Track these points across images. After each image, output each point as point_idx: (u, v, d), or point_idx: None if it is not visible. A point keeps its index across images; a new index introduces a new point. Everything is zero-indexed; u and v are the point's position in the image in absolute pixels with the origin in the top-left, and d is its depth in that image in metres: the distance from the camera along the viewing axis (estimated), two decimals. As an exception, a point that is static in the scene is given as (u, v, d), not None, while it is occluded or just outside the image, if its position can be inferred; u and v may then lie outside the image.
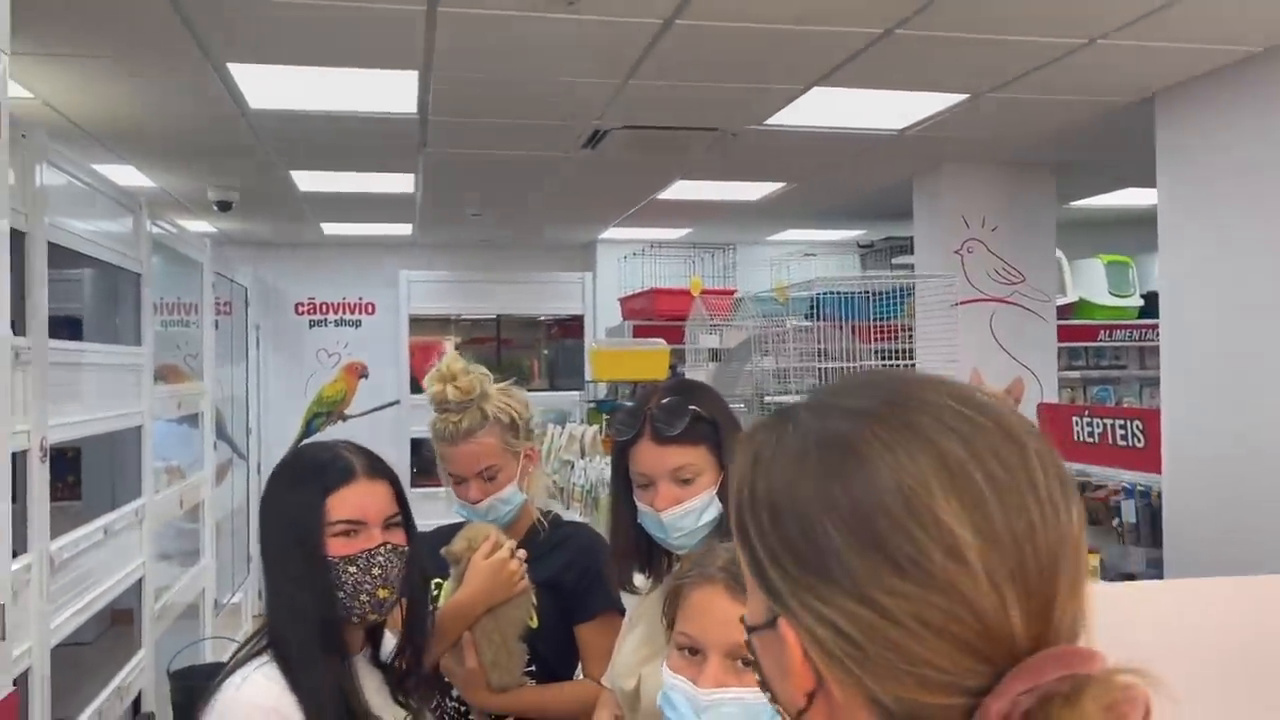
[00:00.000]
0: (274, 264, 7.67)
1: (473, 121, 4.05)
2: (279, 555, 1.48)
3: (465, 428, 1.94)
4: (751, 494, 0.70)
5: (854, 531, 0.63)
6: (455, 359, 2.00)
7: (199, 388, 5.04)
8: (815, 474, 0.66)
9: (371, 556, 1.47)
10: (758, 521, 0.68)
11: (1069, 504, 0.65)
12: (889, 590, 0.62)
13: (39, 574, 2.60)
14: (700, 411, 1.64)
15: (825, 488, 0.65)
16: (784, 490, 0.67)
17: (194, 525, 5.10)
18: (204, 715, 1.40)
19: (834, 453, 0.66)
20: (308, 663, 1.41)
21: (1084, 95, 3.79)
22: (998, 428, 0.66)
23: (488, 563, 1.86)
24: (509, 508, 1.99)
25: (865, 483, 0.64)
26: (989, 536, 0.62)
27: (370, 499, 1.50)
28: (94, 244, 3.34)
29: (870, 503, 0.63)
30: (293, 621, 1.43)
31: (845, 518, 0.64)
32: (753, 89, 3.64)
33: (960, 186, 5.05)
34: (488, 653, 1.86)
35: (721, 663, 1.19)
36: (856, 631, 0.62)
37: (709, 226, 6.89)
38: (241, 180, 5.21)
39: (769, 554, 0.67)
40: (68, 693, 3.07)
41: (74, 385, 3.14)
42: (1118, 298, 6.46)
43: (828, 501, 0.65)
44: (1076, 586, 0.64)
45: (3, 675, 1.72)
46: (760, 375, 4.01)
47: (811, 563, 0.65)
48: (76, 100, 3.67)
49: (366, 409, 7.55)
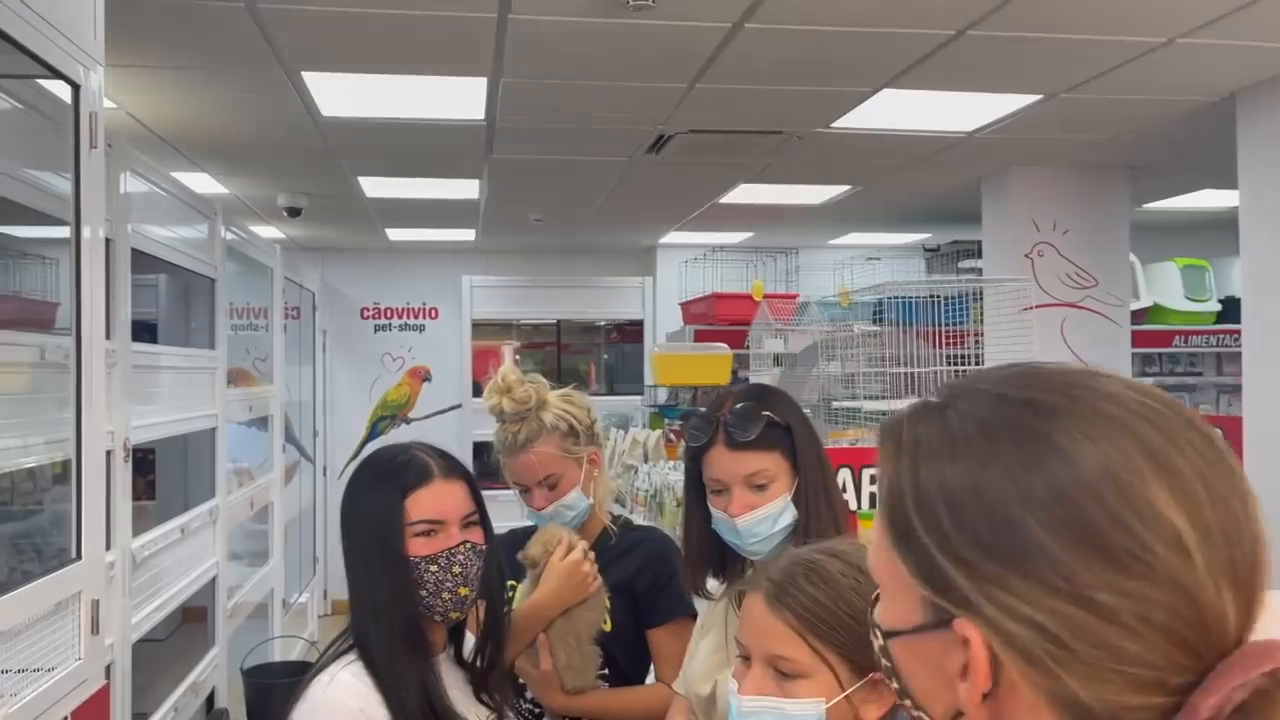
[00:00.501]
0: (340, 269, 7.80)
1: (538, 127, 4.08)
2: (361, 556, 1.49)
3: (523, 438, 1.95)
4: (916, 488, 0.65)
5: (1061, 524, 0.60)
6: (511, 370, 2.00)
7: (269, 390, 5.13)
8: (1007, 464, 0.62)
9: (452, 555, 1.48)
10: (930, 517, 0.64)
11: (1243, 478, 0.64)
12: (1108, 587, 0.58)
13: (122, 571, 2.67)
14: (774, 417, 1.63)
15: (1022, 478, 0.61)
16: (965, 483, 0.63)
17: (263, 526, 5.20)
18: (293, 713, 1.42)
19: (1026, 441, 0.62)
20: (392, 662, 1.42)
21: (1161, 95, 3.70)
22: (1181, 418, 0.64)
23: (563, 564, 1.87)
24: (574, 513, 2.00)
25: (1070, 472, 0.60)
26: (1202, 528, 0.60)
27: (448, 498, 1.51)
28: (172, 249, 3.42)
29: (1079, 493, 0.60)
30: (376, 621, 1.45)
31: (1050, 509, 0.60)
32: (821, 91, 3.61)
33: (1030, 189, 4.96)
34: (562, 655, 1.87)
35: (762, 671, 1.18)
36: (1065, 630, 0.59)
37: (771, 230, 6.85)
38: (311, 186, 5.30)
39: (947, 551, 0.63)
40: (144, 688, 3.15)
41: (153, 388, 3.22)
42: (1194, 302, 6.30)
43: (1026, 493, 0.61)
44: (1267, 582, 0.62)
45: (96, 668, 1.77)
46: (827, 380, 3.97)
47: (1008, 558, 0.61)
48: (156, 109, 3.76)
49: (429, 412, 7.65)
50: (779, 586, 1.18)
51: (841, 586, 1.17)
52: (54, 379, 1.91)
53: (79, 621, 1.70)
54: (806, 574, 1.19)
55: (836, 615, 1.16)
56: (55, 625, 1.67)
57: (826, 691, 1.14)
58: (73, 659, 1.70)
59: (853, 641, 1.14)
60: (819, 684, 1.15)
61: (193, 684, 3.47)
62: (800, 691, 1.15)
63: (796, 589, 1.17)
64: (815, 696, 1.14)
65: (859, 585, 1.17)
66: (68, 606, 1.69)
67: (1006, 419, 0.64)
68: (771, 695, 1.16)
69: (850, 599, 1.16)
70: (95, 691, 1.78)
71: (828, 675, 1.15)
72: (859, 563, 1.20)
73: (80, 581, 1.71)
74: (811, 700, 1.14)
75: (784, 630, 1.16)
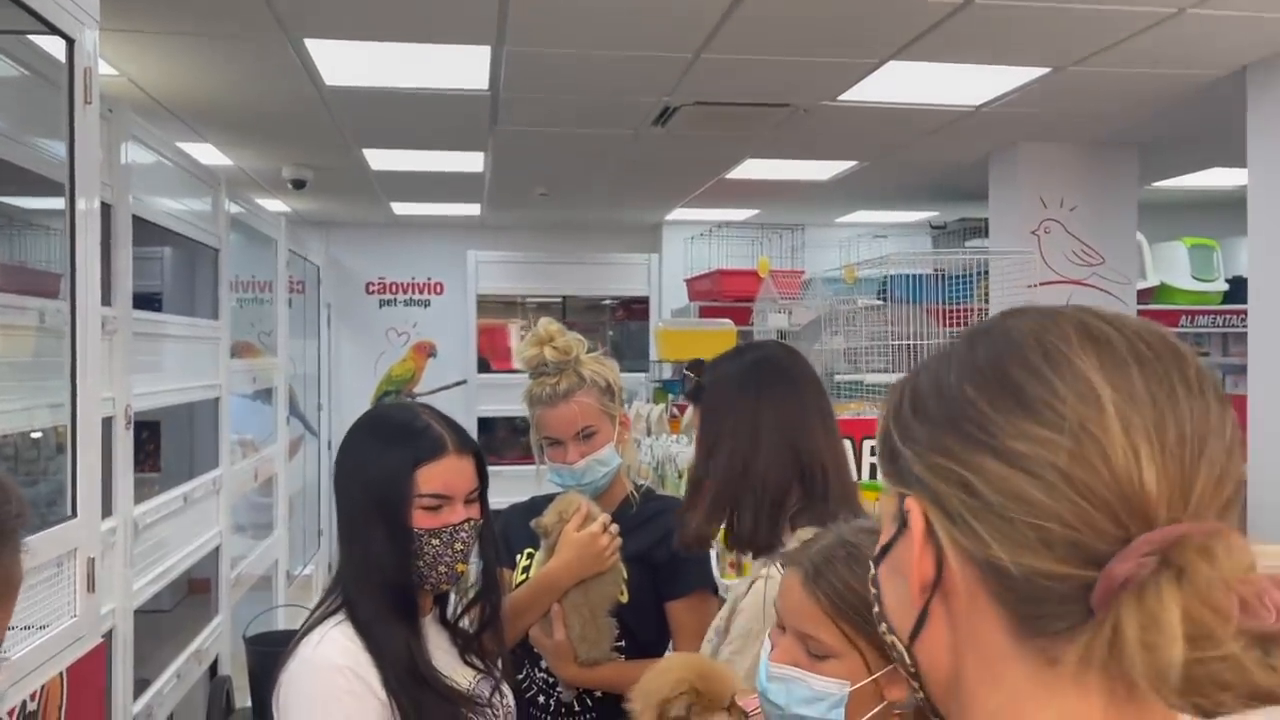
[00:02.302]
0: (345, 243, 7.79)
1: (543, 98, 4.06)
2: (361, 518, 1.47)
3: (564, 389, 1.93)
4: (898, 406, 0.69)
5: (988, 381, 0.62)
6: (551, 322, 2.00)
7: (273, 363, 5.14)
8: (958, 353, 0.66)
9: (455, 532, 1.47)
10: (900, 422, 0.67)
11: (1223, 409, 0.61)
12: (1019, 434, 0.59)
13: (123, 538, 2.67)
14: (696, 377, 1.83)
15: (966, 356, 0.65)
16: (929, 379, 0.66)
17: (267, 499, 5.21)
18: (282, 672, 1.42)
19: (977, 334, 0.66)
20: (380, 624, 1.42)
21: (1171, 69, 3.67)
22: (1160, 337, 0.63)
23: (579, 535, 1.85)
24: (606, 469, 1.97)
25: (1004, 339, 0.63)
26: (1126, 393, 0.59)
27: (458, 475, 1.49)
28: (175, 219, 3.42)
29: (1006, 354, 0.62)
30: (367, 583, 1.44)
31: (981, 371, 0.63)
32: (828, 63, 3.58)
33: (1038, 165, 4.92)
34: (576, 626, 1.85)
35: (795, 642, 1.19)
36: (983, 484, 0.60)
37: (777, 207, 6.82)
38: (315, 159, 5.29)
39: (904, 437, 0.65)
40: (148, 657, 3.16)
41: (155, 357, 3.22)
42: (1201, 282, 6.25)
43: (966, 365, 0.64)
44: (1223, 489, 0.59)
45: (91, 626, 1.78)
46: (830, 355, 3.96)
47: (944, 423, 0.63)
48: (159, 77, 3.75)
49: (435, 388, 7.65)
50: (816, 568, 1.18)
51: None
52: (55, 345, 1.91)
53: (74, 579, 1.70)
54: (846, 558, 1.18)
55: (869, 603, 1.16)
56: (51, 583, 1.67)
57: (854, 673, 1.15)
58: (68, 616, 1.71)
59: (889, 629, 1.15)
60: (847, 665, 1.15)
61: (196, 652, 3.49)
62: (828, 670, 1.16)
63: (833, 573, 1.17)
64: (842, 677, 1.15)
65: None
66: (64, 564, 1.69)
67: (982, 330, 0.67)
68: (800, 666, 1.17)
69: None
70: (90, 650, 1.79)
71: (856, 658, 1.15)
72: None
73: (76, 539, 1.71)
74: (838, 680, 1.15)
75: (816, 612, 1.16)
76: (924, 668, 0.68)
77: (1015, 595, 0.60)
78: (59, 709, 1.67)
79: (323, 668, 1.39)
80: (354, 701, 1.37)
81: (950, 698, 0.67)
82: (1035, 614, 0.59)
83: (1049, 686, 0.60)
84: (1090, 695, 0.59)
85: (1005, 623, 0.61)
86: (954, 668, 0.65)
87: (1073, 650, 0.58)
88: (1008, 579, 0.60)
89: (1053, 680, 0.60)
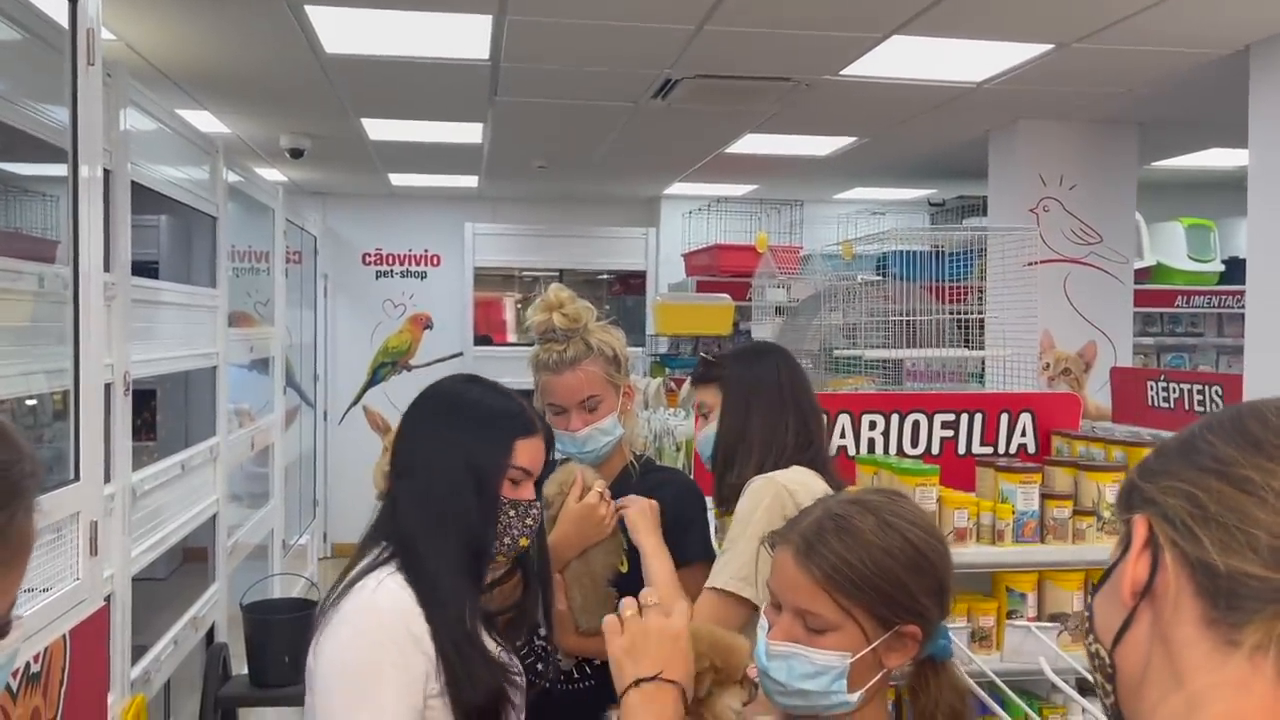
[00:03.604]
0: (343, 214, 7.76)
1: (543, 68, 4.03)
2: (450, 481, 1.49)
3: (570, 356, 1.93)
4: (1143, 459, 0.84)
5: (1228, 431, 0.78)
6: (561, 288, 2.00)
7: (270, 332, 5.13)
8: (1200, 421, 0.82)
9: (529, 506, 1.54)
10: (1143, 468, 0.83)
11: None
12: (1251, 465, 0.74)
13: (121, 504, 2.68)
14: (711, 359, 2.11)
15: (1207, 420, 0.81)
16: (1173, 439, 0.83)
17: (263, 469, 5.22)
18: (339, 610, 1.41)
19: (1219, 412, 0.83)
20: (449, 578, 1.44)
21: (1174, 47, 3.66)
22: None
23: (579, 506, 1.87)
24: (608, 438, 1.98)
25: (1244, 406, 0.80)
26: None
27: (539, 455, 1.57)
28: (173, 185, 3.40)
29: (1245, 413, 0.78)
30: (445, 540, 1.46)
31: (1223, 424, 0.79)
32: (830, 37, 3.57)
33: (1038, 143, 4.92)
34: (577, 596, 1.86)
35: (793, 619, 1.21)
36: (1210, 500, 0.75)
37: (776, 183, 6.81)
38: (314, 127, 5.26)
39: (1143, 475, 0.81)
40: (145, 624, 3.18)
41: (153, 324, 3.22)
42: (1197, 263, 6.27)
43: (1208, 423, 0.80)
44: None
45: (94, 589, 1.78)
46: (828, 330, 3.97)
47: (1183, 459, 0.79)
48: (157, 42, 3.72)
49: (431, 360, 7.65)
50: (808, 543, 1.20)
51: (869, 544, 1.19)
52: (53, 311, 1.91)
53: (78, 543, 1.71)
54: (836, 530, 1.21)
55: (863, 573, 1.18)
56: (54, 546, 1.68)
57: (852, 644, 1.17)
58: (71, 579, 1.72)
59: (879, 597, 1.17)
60: (845, 637, 1.17)
61: (193, 619, 3.50)
62: (828, 644, 1.18)
63: (825, 546, 1.20)
64: (842, 649, 1.17)
65: (887, 542, 1.19)
66: (66, 528, 1.70)
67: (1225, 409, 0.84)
68: (800, 643, 1.19)
69: (878, 557, 1.18)
70: (93, 613, 1.80)
71: (854, 629, 1.17)
72: (889, 516, 1.22)
73: (78, 502, 1.71)
74: (838, 652, 1.17)
75: (812, 586, 1.19)
76: (1121, 668, 0.80)
77: (1216, 589, 0.74)
78: (62, 670, 1.68)
79: (381, 611, 1.40)
80: (398, 652, 1.38)
81: (1133, 695, 0.80)
82: (1229, 605, 0.73)
83: (1225, 661, 0.73)
84: (1262, 669, 0.72)
85: (1199, 614, 0.74)
86: (1144, 665, 0.78)
87: (1252, 633, 0.72)
88: (1215, 577, 0.74)
89: (1230, 656, 0.73)
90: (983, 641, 2.29)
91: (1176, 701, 0.75)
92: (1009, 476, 2.37)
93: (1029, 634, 2.26)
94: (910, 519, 1.23)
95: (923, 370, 4.27)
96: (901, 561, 1.18)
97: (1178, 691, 0.75)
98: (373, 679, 1.36)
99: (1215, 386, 3.72)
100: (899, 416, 2.63)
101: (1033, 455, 2.69)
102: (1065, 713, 2.37)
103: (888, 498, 1.27)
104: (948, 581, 1.23)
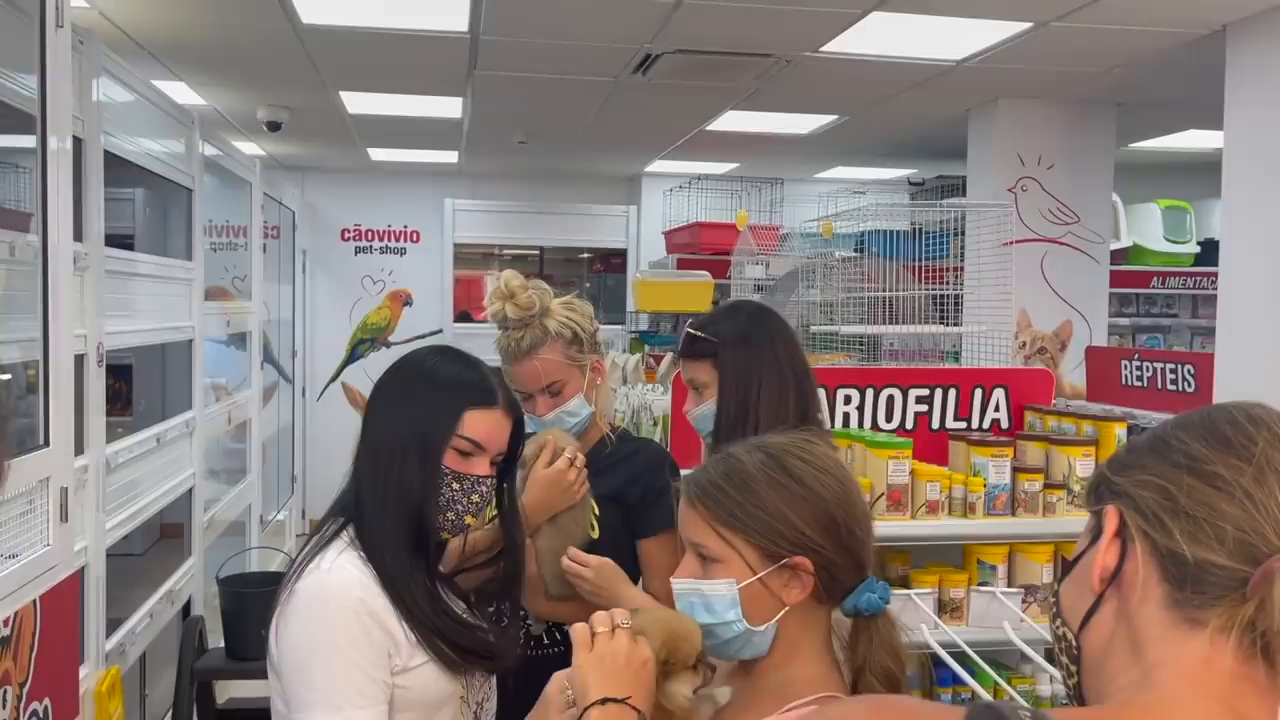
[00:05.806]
0: (321, 189, 7.70)
1: (523, 42, 4.01)
2: (398, 448, 1.47)
3: (527, 345, 1.94)
4: (1113, 454, 0.93)
5: (1200, 430, 0.84)
6: (514, 276, 1.98)
7: (247, 307, 5.10)
8: (1170, 421, 0.88)
9: (476, 483, 1.49)
10: (1113, 462, 0.89)
11: None
12: (1221, 463, 0.81)
13: (95, 477, 2.66)
14: (705, 335, 1.94)
15: (1178, 420, 0.87)
16: (1143, 437, 0.89)
17: (240, 445, 5.20)
18: (289, 593, 1.40)
19: (1189, 414, 0.88)
20: (394, 549, 1.43)
21: (1153, 26, 3.67)
22: None
23: (547, 472, 1.87)
24: (576, 419, 1.99)
25: (1215, 408, 0.86)
26: None
27: (498, 431, 1.51)
28: (148, 156, 3.37)
29: (1217, 415, 0.84)
30: (386, 509, 1.44)
31: (1195, 424, 0.85)
32: (810, 12, 3.56)
33: (1017, 122, 4.93)
34: (549, 561, 1.86)
35: (691, 556, 1.26)
36: (1181, 493, 0.81)
37: (756, 161, 6.80)
38: (291, 100, 5.21)
39: (1114, 469, 0.87)
40: (121, 598, 3.17)
41: (128, 296, 3.19)
42: (1173, 244, 6.32)
43: (1179, 423, 0.86)
44: None
45: (65, 555, 1.78)
46: (806, 307, 3.98)
47: (1154, 455, 0.85)
48: (131, 10, 3.67)
49: (410, 336, 7.63)
50: (698, 483, 1.26)
51: (748, 474, 1.23)
52: (25, 281, 1.89)
53: (48, 509, 1.70)
54: (721, 468, 1.25)
55: (743, 506, 1.21)
56: (25, 513, 1.67)
57: (738, 574, 1.21)
58: (41, 545, 1.71)
59: (755, 525, 1.20)
60: (731, 568, 1.21)
61: (168, 592, 3.50)
62: (717, 574, 1.22)
63: (707, 480, 1.25)
64: (729, 579, 1.21)
65: (773, 477, 1.22)
66: (36, 496, 1.69)
67: (1194, 412, 0.89)
68: (695, 578, 1.24)
69: (760, 492, 1.21)
70: (64, 580, 1.79)
71: (737, 560, 1.21)
72: (778, 453, 1.24)
73: (49, 468, 1.70)
74: (724, 580, 1.21)
75: (698, 520, 1.24)
76: (1086, 649, 0.86)
77: (1183, 576, 0.80)
78: (33, 635, 1.67)
79: (338, 590, 1.39)
80: (360, 630, 1.37)
81: (1096, 671, 0.86)
82: (1195, 591, 0.80)
83: (1187, 637, 0.80)
84: (1224, 648, 0.79)
85: (1163, 596, 0.81)
86: (1107, 643, 0.84)
87: (1216, 615, 0.79)
88: (1182, 566, 0.80)
89: (1191, 634, 0.80)
90: (954, 613, 2.32)
91: (1135, 673, 0.82)
92: (981, 450, 2.39)
93: (994, 599, 2.29)
94: (803, 455, 1.24)
95: (900, 350, 4.29)
96: (779, 490, 1.21)
97: (1137, 664, 0.82)
98: (333, 660, 1.35)
99: (1188, 365, 3.75)
100: (874, 391, 2.65)
101: (1006, 430, 2.71)
102: (1034, 683, 2.40)
103: (792, 439, 1.28)
104: (844, 518, 1.21)
